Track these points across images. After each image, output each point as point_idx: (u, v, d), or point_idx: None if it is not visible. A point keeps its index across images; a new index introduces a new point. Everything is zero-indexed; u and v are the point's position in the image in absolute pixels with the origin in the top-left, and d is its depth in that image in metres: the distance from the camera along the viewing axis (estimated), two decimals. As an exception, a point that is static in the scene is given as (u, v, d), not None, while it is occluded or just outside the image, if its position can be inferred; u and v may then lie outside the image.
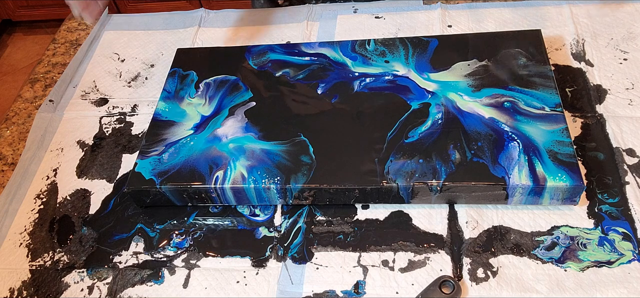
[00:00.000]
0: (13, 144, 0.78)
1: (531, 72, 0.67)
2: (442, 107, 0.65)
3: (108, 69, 0.86)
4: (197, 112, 0.70)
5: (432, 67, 0.70)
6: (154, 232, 0.64)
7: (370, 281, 0.56)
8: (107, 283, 0.60)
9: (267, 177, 0.61)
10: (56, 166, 0.73)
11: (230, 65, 0.76)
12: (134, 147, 0.73)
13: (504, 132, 0.61)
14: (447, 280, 0.54)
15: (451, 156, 0.59)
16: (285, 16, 0.89)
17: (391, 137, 0.62)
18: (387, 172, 0.59)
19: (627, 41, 0.75)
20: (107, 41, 0.91)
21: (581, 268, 0.54)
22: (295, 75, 0.73)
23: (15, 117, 0.82)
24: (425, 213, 0.61)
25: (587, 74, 0.72)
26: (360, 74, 0.71)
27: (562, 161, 0.57)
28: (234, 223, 0.63)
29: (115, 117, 0.78)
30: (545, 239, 0.57)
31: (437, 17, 0.84)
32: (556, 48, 0.76)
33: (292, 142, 0.64)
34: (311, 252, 0.59)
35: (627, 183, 0.60)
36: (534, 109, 0.62)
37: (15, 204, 0.69)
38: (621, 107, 0.67)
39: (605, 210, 0.58)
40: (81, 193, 0.69)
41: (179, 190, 0.62)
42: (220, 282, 0.58)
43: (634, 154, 0.63)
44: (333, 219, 0.62)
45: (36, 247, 0.64)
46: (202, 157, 0.64)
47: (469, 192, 0.58)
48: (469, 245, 0.57)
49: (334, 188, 0.60)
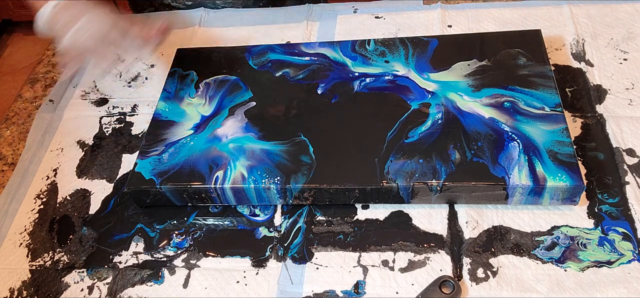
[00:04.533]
0: (13, 144, 0.78)
1: (531, 72, 0.67)
2: (442, 107, 0.65)
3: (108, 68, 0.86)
4: (197, 112, 0.70)
5: (432, 67, 0.70)
6: (154, 232, 0.64)
7: (370, 281, 0.56)
8: (107, 283, 0.60)
9: (267, 177, 0.61)
10: (56, 166, 0.73)
11: (230, 65, 0.76)
12: (134, 147, 0.73)
13: (504, 132, 0.61)
14: (447, 280, 0.54)
15: (451, 156, 0.59)
16: (285, 16, 0.89)
17: (391, 137, 0.62)
18: (387, 172, 0.59)
19: (627, 41, 0.75)
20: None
21: (581, 268, 0.54)
22: (295, 75, 0.72)
23: (15, 117, 0.82)
24: (425, 213, 0.61)
25: (587, 74, 0.72)
26: (360, 74, 0.71)
27: (562, 161, 0.57)
28: (234, 223, 0.63)
29: (115, 117, 0.78)
30: (545, 239, 0.57)
31: (437, 17, 0.84)
32: (556, 48, 0.76)
33: (292, 142, 0.64)
34: (311, 252, 0.59)
35: (627, 183, 0.60)
36: (534, 109, 0.62)
37: (15, 204, 0.69)
38: (621, 107, 0.67)
39: (605, 210, 0.58)
40: (81, 193, 0.69)
41: (179, 190, 0.62)
42: (220, 282, 0.58)
43: (634, 154, 0.63)
44: (333, 219, 0.62)
45: (36, 247, 0.64)
46: (202, 157, 0.64)
47: (469, 192, 0.58)
48: (469, 245, 0.57)
49: (334, 188, 0.60)
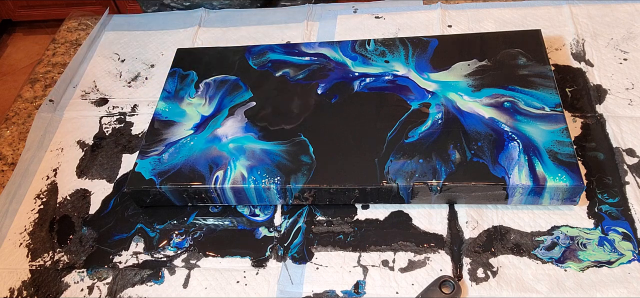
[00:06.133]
0: (13, 144, 0.78)
1: (531, 72, 0.67)
2: (442, 107, 0.65)
3: (108, 69, 0.86)
4: (197, 112, 0.70)
5: (432, 67, 0.70)
6: (154, 232, 0.64)
7: (370, 281, 0.56)
8: (107, 283, 0.60)
9: (267, 177, 0.61)
10: (56, 166, 0.73)
11: (230, 65, 0.76)
12: (134, 147, 0.73)
13: (504, 132, 0.61)
14: (447, 280, 0.54)
15: (451, 156, 0.59)
16: (285, 16, 0.89)
17: (391, 137, 0.62)
18: (387, 172, 0.59)
19: (627, 41, 0.75)
20: (107, 41, 0.91)
21: (581, 268, 0.54)
22: (295, 75, 0.72)
23: (15, 117, 0.82)
24: (425, 213, 0.61)
25: (587, 74, 0.72)
26: (360, 74, 0.71)
27: (562, 161, 0.57)
28: (234, 223, 0.63)
29: (115, 117, 0.78)
30: (545, 239, 0.57)
31: (437, 17, 0.84)
32: (556, 48, 0.76)
33: (292, 142, 0.64)
34: (311, 252, 0.59)
35: (627, 183, 0.60)
36: (534, 109, 0.62)
37: (15, 204, 0.69)
38: (621, 107, 0.67)
39: (605, 210, 0.58)
40: (81, 193, 0.69)
41: (179, 190, 0.62)
42: (220, 282, 0.58)
43: (634, 154, 0.63)
44: (333, 219, 0.62)
45: (36, 247, 0.64)
46: (202, 157, 0.64)
47: (469, 192, 0.58)
48: (469, 245, 0.57)
49: (334, 188, 0.60)
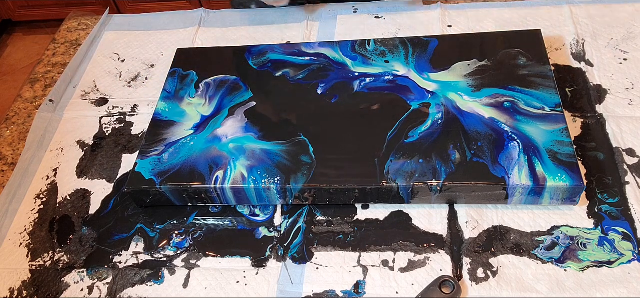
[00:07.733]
0: (13, 144, 0.78)
1: (531, 72, 0.67)
2: (442, 107, 0.65)
3: (108, 69, 0.86)
4: (197, 112, 0.70)
5: (432, 67, 0.70)
6: (154, 232, 0.64)
7: (370, 281, 0.56)
8: (107, 283, 0.60)
9: (267, 177, 0.61)
10: (56, 166, 0.73)
11: (230, 65, 0.76)
12: (134, 147, 0.73)
13: (504, 132, 0.61)
14: (447, 280, 0.54)
15: (451, 156, 0.59)
16: (285, 16, 0.89)
17: (391, 137, 0.62)
18: (387, 172, 0.59)
19: (627, 41, 0.75)
20: (107, 41, 0.91)
21: (581, 268, 0.54)
22: (295, 75, 0.72)
23: (15, 117, 0.82)
24: (425, 213, 0.61)
25: (587, 74, 0.72)
26: (360, 74, 0.71)
27: (562, 161, 0.57)
28: (234, 223, 0.63)
29: (115, 117, 0.78)
30: (545, 239, 0.57)
31: (437, 17, 0.84)
32: (556, 48, 0.76)
33: (292, 142, 0.64)
34: (311, 252, 0.59)
35: (627, 183, 0.60)
36: (534, 109, 0.62)
37: (15, 204, 0.69)
38: (621, 107, 0.67)
39: (605, 210, 0.58)
40: (81, 193, 0.69)
41: (179, 190, 0.62)
42: (220, 282, 0.58)
43: (634, 154, 0.63)
44: (333, 219, 0.62)
45: (36, 247, 0.64)
46: (202, 157, 0.64)
47: (469, 192, 0.58)
48: (469, 245, 0.57)
49: (334, 188, 0.60)
